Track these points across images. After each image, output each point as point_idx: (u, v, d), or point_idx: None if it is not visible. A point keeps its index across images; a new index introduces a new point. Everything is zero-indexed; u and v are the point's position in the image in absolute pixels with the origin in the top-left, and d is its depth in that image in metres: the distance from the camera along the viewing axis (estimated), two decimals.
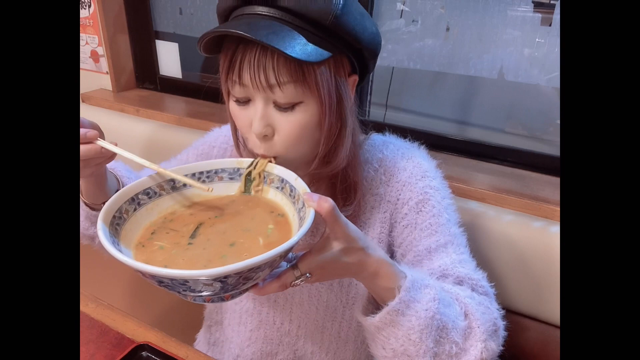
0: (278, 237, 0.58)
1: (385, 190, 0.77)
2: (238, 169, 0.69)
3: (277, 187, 0.66)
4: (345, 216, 0.74)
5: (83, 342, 0.78)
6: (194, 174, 0.67)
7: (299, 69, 0.61)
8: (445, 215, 0.74)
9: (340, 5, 0.61)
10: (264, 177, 0.67)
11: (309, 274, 0.57)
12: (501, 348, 0.66)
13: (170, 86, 1.70)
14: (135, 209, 0.62)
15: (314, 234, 0.81)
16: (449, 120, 1.44)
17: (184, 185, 0.67)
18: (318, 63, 0.62)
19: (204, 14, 1.55)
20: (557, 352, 0.99)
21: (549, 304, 1.01)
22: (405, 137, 0.84)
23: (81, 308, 0.86)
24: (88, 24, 1.62)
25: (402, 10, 1.22)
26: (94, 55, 1.66)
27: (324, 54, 0.62)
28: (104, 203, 0.60)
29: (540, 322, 1.04)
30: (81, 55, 1.68)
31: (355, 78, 0.71)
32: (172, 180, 0.66)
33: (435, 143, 1.25)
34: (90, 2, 1.57)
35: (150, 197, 0.64)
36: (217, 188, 0.68)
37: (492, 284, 0.72)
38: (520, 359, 1.05)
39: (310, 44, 0.61)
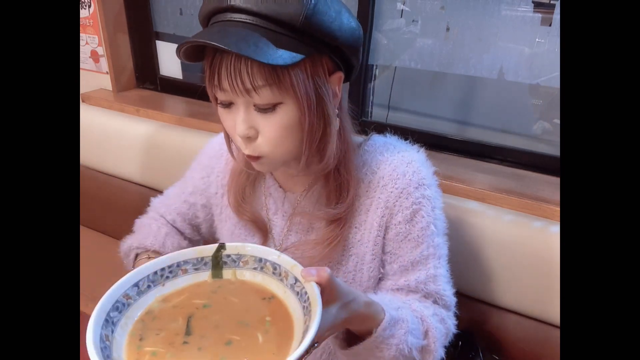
0: (277, 331, 0.57)
1: (383, 195, 0.77)
2: (202, 258, 0.65)
3: (255, 268, 0.64)
4: (338, 215, 0.77)
5: (83, 342, 0.78)
6: (155, 273, 0.63)
7: (273, 72, 0.62)
8: (432, 227, 0.77)
9: (311, 6, 0.61)
10: (235, 261, 0.65)
11: (317, 343, 0.59)
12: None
13: (170, 86, 1.70)
14: (112, 331, 0.56)
15: (308, 232, 0.81)
16: (449, 120, 1.44)
17: (148, 286, 0.62)
18: (292, 66, 0.63)
19: None
20: (557, 352, 0.99)
21: (549, 304, 1.01)
22: (406, 139, 0.84)
23: (81, 308, 0.86)
24: (88, 24, 1.62)
25: (402, 10, 1.22)
26: (94, 55, 1.66)
27: (297, 56, 0.63)
28: None
29: (540, 322, 1.04)
30: (81, 55, 1.68)
31: (340, 75, 0.71)
32: (136, 284, 0.61)
33: (436, 143, 1.25)
34: (90, 2, 1.57)
35: (120, 312, 0.58)
36: (183, 281, 0.64)
37: (456, 302, 0.81)
38: (520, 359, 1.05)
39: (281, 49, 0.61)
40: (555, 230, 0.99)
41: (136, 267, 0.65)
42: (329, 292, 0.56)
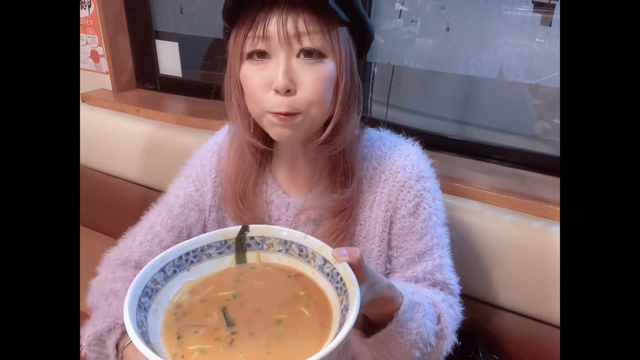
0: (315, 304, 0.57)
1: (385, 189, 0.78)
2: (225, 242, 0.64)
3: (280, 250, 0.63)
4: (345, 203, 0.77)
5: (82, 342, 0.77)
6: (180, 257, 0.61)
7: (325, 23, 0.65)
8: (434, 218, 0.79)
9: None
10: (259, 243, 0.64)
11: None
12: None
13: (170, 86, 1.70)
14: (145, 317, 0.54)
15: (314, 232, 0.81)
16: (449, 120, 1.44)
17: (174, 271, 0.61)
18: (341, 22, 0.66)
19: (205, 12, 1.55)
20: (557, 352, 0.99)
21: (549, 304, 1.01)
22: (399, 133, 0.85)
23: (81, 308, 0.86)
24: (88, 24, 1.62)
25: (400, 10, 1.22)
26: (94, 55, 1.66)
27: (345, 17, 0.66)
28: None
29: (540, 322, 1.04)
30: (81, 55, 1.68)
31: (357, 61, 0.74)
32: (162, 269, 0.60)
33: (436, 143, 1.25)
34: (90, 2, 1.57)
35: (150, 297, 0.57)
36: (207, 266, 0.63)
37: (460, 292, 0.82)
38: (520, 359, 1.05)
39: (335, 4, 0.64)
40: (555, 230, 0.99)
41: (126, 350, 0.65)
42: (358, 273, 0.56)
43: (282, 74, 0.64)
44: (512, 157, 1.20)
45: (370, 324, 0.68)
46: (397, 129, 0.88)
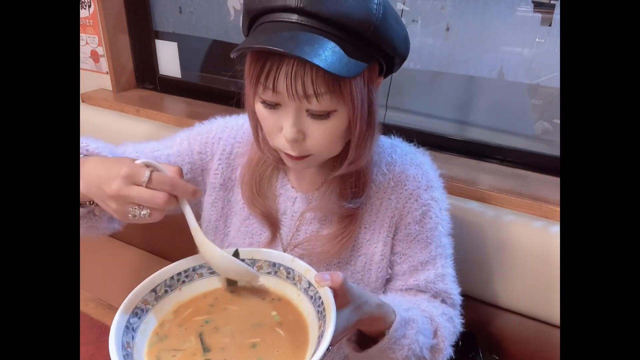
0: (292, 321, 0.58)
1: (393, 197, 0.79)
2: None
3: (269, 272, 0.65)
4: (353, 210, 0.77)
5: (83, 342, 0.78)
6: (172, 278, 0.64)
7: (336, 81, 0.61)
8: (439, 228, 0.80)
9: (380, 15, 0.60)
10: (249, 265, 0.64)
11: (331, 346, 0.59)
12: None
13: (169, 86, 1.70)
14: (133, 337, 0.57)
15: (319, 231, 0.81)
16: (449, 120, 1.44)
17: (165, 291, 0.63)
18: (354, 77, 0.62)
19: (204, 12, 1.54)
20: (557, 352, 0.99)
21: (549, 304, 1.01)
22: (411, 141, 0.85)
23: (81, 308, 0.86)
24: (88, 24, 1.62)
25: (402, 9, 1.22)
26: (94, 55, 1.66)
27: (362, 65, 0.62)
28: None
29: (540, 322, 1.04)
30: (81, 55, 1.68)
31: (381, 80, 0.71)
32: (154, 290, 0.62)
33: (436, 143, 1.25)
34: (90, 2, 1.57)
35: (139, 318, 0.59)
36: (197, 286, 0.65)
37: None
38: (520, 359, 1.05)
39: (350, 58, 0.60)
40: (555, 230, 0.99)
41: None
42: (342, 296, 0.57)
43: (291, 127, 0.64)
44: (512, 157, 1.20)
45: (366, 335, 0.69)
46: (397, 130, 0.88)
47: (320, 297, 0.57)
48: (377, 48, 0.63)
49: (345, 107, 0.64)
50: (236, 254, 0.65)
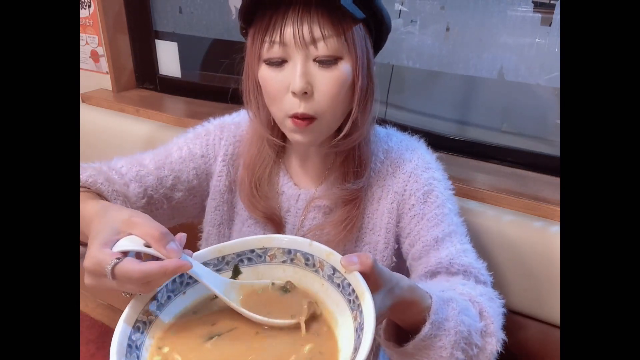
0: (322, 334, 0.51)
1: (392, 182, 0.79)
2: (223, 257, 0.59)
3: (284, 261, 0.58)
4: (356, 192, 0.77)
5: (83, 342, 0.78)
6: (174, 281, 0.57)
7: (340, 24, 0.64)
8: (448, 205, 0.78)
9: None
10: (260, 256, 0.58)
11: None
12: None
13: (169, 86, 1.70)
14: (137, 357, 0.51)
15: (323, 225, 0.80)
16: (449, 120, 1.44)
17: (169, 297, 0.56)
18: (356, 20, 0.66)
19: (204, 12, 1.54)
20: (557, 352, 0.99)
21: (549, 304, 1.01)
22: (404, 132, 0.87)
23: (81, 308, 0.86)
24: (88, 24, 1.62)
25: (399, 10, 1.22)
26: (94, 55, 1.66)
27: (361, 14, 0.65)
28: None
29: (540, 322, 1.04)
30: (81, 55, 1.68)
31: (372, 52, 0.74)
32: (155, 298, 0.55)
33: (435, 143, 1.24)
34: (90, 2, 1.57)
35: (142, 332, 0.53)
36: (204, 288, 0.56)
37: (492, 277, 0.76)
38: (520, 359, 1.05)
39: (352, 3, 0.64)
40: (555, 230, 0.99)
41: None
42: (373, 280, 0.51)
43: (299, 77, 0.65)
44: (512, 157, 1.20)
45: (400, 328, 0.62)
46: (396, 127, 0.89)
47: (349, 285, 0.50)
48: (371, 6, 0.67)
49: (349, 57, 0.67)
50: (236, 270, 0.59)
